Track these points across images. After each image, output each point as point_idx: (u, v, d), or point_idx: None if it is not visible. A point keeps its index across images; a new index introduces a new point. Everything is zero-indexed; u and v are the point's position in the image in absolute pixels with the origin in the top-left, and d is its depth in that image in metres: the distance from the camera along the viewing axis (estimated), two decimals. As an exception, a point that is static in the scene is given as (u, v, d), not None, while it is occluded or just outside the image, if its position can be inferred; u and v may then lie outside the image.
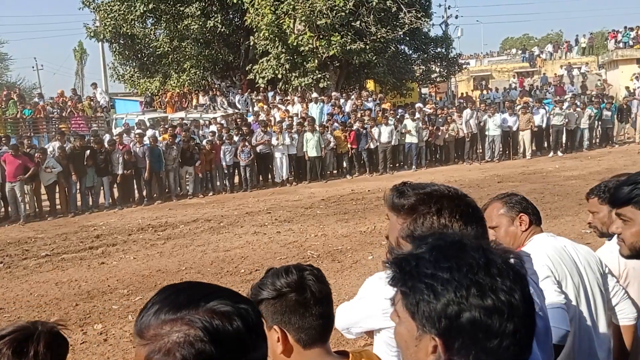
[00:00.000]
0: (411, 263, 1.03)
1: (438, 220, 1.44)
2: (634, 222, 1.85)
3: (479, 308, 0.95)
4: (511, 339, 0.96)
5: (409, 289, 1.01)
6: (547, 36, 68.84)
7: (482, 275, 0.97)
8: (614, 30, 35.15)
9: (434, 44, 26.71)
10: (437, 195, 1.48)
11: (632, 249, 1.89)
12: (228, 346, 0.95)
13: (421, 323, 1.00)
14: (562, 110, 18.22)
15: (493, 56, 51.44)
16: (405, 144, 17.07)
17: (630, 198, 1.84)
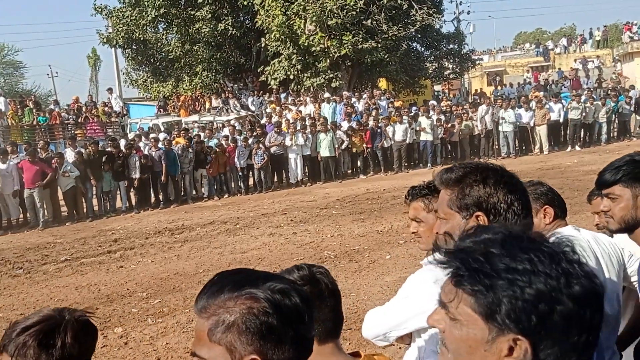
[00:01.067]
0: (480, 259, 0.95)
1: (484, 189, 1.56)
2: (622, 198, 2.02)
3: (572, 299, 0.89)
4: (596, 331, 0.92)
5: (486, 287, 0.93)
6: (560, 30, 68.15)
7: (565, 263, 0.92)
8: (629, 22, 34.69)
9: (446, 40, 26.55)
10: (482, 167, 1.61)
11: (621, 222, 2.04)
12: (288, 318, 1.04)
13: (500, 324, 0.92)
14: (579, 104, 17.99)
15: (506, 51, 51.01)
16: (420, 141, 16.97)
17: (617, 178, 2.02)
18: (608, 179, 2.05)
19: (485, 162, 1.72)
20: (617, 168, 2.04)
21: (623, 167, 2.03)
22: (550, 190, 2.54)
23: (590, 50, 39.85)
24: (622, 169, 2.02)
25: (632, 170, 2.00)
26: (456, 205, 1.61)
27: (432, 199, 2.39)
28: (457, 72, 28.03)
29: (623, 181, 2.01)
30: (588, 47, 41.14)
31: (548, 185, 2.57)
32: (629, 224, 2.04)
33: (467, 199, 1.59)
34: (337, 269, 7.49)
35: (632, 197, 2.01)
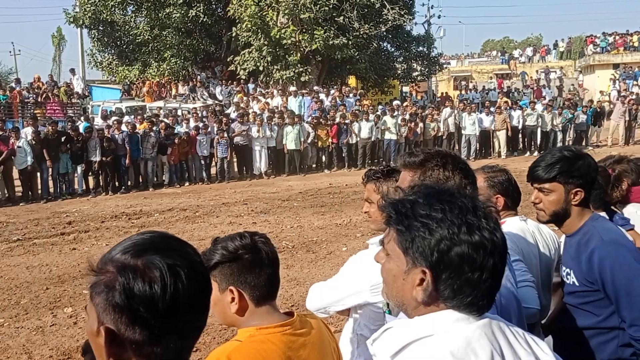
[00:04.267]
0: (406, 205, 1.16)
1: (443, 172, 1.71)
2: (554, 193, 2.17)
3: (468, 243, 1.08)
4: (490, 272, 1.10)
5: (405, 227, 1.13)
6: (527, 39, 69.77)
7: (471, 216, 1.11)
8: (592, 35, 35.80)
9: (416, 42, 26.87)
10: (443, 153, 1.78)
11: (551, 214, 2.20)
12: (138, 301, 0.97)
13: (413, 257, 1.13)
14: (534, 111, 18.56)
15: (474, 57, 51.99)
16: (385, 140, 17.18)
17: (552, 176, 2.15)
18: (542, 175, 2.16)
19: (444, 150, 1.89)
20: (551, 165, 2.15)
21: (557, 165, 2.14)
22: (508, 180, 2.59)
23: (554, 61, 40.94)
24: (556, 167, 2.13)
25: (568, 169, 2.12)
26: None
27: (384, 182, 2.50)
28: (425, 75, 28.40)
29: (558, 179, 2.14)
30: (552, 57, 42.24)
31: (507, 175, 2.60)
32: (558, 215, 2.19)
33: (427, 181, 1.72)
34: (293, 259, 7.56)
35: (565, 192, 2.15)
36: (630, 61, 33.39)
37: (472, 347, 1.10)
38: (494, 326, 1.16)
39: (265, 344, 1.52)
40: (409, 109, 19.16)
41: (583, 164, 2.14)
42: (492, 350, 1.12)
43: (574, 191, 2.14)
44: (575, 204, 2.16)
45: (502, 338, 1.16)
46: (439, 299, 1.14)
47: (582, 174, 2.14)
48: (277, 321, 1.58)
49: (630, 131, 20.06)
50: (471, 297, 1.11)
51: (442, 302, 1.14)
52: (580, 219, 2.19)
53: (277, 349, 1.52)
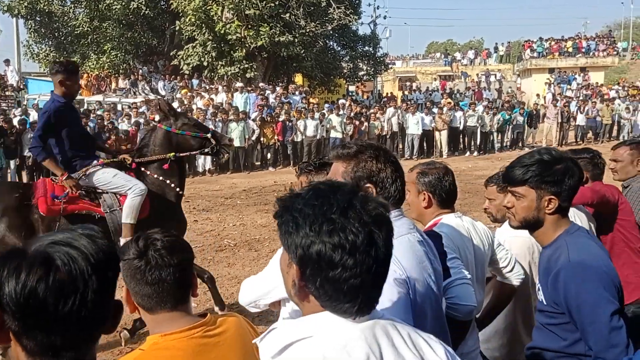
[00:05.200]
0: (289, 200, 1.17)
1: (376, 165, 1.75)
2: (526, 199, 2.06)
3: (326, 243, 1.09)
4: (350, 271, 1.10)
5: (282, 221, 1.16)
6: (469, 42, 71.77)
7: (338, 215, 1.11)
8: (529, 40, 37.19)
9: (362, 42, 27.13)
10: (376, 146, 1.82)
11: (522, 221, 2.11)
12: (6, 296, 0.97)
13: (288, 252, 1.16)
14: (475, 112, 19.16)
15: (418, 59, 53.02)
16: (330, 138, 17.27)
17: (525, 179, 2.05)
18: (516, 177, 2.08)
19: (376, 143, 1.95)
20: (526, 167, 2.06)
21: (532, 167, 2.04)
22: (438, 179, 2.59)
23: (494, 64, 42.32)
24: (531, 169, 2.04)
25: (541, 173, 2.02)
26: (350, 177, 1.76)
27: (315, 175, 2.52)
28: (371, 74, 28.74)
29: (530, 182, 2.04)
30: (493, 60, 43.64)
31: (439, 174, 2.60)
32: (529, 223, 2.10)
33: (360, 172, 1.76)
34: (235, 257, 7.50)
35: (537, 199, 2.04)
36: (565, 66, 34.94)
37: (347, 349, 1.12)
38: (378, 328, 1.18)
39: (169, 350, 1.49)
40: (354, 108, 19.36)
41: (560, 169, 2.02)
42: (368, 353, 1.13)
43: (547, 198, 2.02)
44: (548, 213, 2.04)
45: (385, 340, 1.17)
46: (308, 296, 1.17)
47: (557, 180, 2.01)
48: (183, 326, 1.55)
49: (563, 133, 20.99)
50: (335, 296, 1.13)
51: (316, 300, 1.16)
52: (554, 230, 2.07)
53: (182, 354, 1.50)
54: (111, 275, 1.06)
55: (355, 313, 1.15)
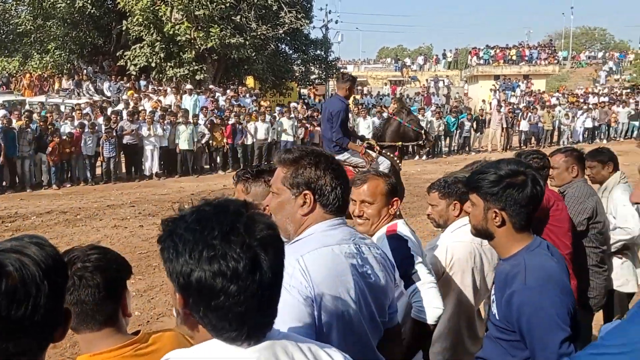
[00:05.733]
0: (172, 223, 1.13)
1: (315, 171, 1.72)
2: (476, 207, 2.05)
3: (206, 270, 1.05)
4: (233, 299, 1.06)
5: (164, 247, 1.12)
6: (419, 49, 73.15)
7: (219, 240, 1.07)
8: (476, 48, 38.27)
9: (314, 46, 27.22)
10: (317, 152, 1.79)
11: (474, 228, 2.10)
12: None
13: (171, 280, 1.11)
14: (423, 117, 19.51)
15: (369, 63, 53.64)
16: (281, 141, 17.21)
17: (474, 187, 2.04)
18: (470, 183, 2.08)
19: (319, 149, 1.88)
20: (477, 175, 2.05)
21: (485, 177, 2.01)
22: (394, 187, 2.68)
23: (443, 70, 43.30)
24: (482, 179, 2.01)
25: (489, 185, 1.99)
26: (289, 183, 1.75)
27: (253, 183, 2.49)
28: (323, 78, 28.85)
29: (479, 192, 2.02)
30: (441, 67, 44.65)
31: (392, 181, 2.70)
32: (479, 232, 2.09)
33: (299, 178, 1.74)
34: (181, 263, 7.32)
35: (484, 210, 2.02)
36: (509, 73, 36.15)
37: None
38: (277, 347, 1.16)
39: None
40: (305, 112, 19.37)
41: (509, 183, 1.96)
42: None
43: (494, 211, 1.99)
44: (497, 226, 2.00)
45: (286, 359, 1.15)
46: (197, 324, 1.13)
47: (502, 194, 1.96)
48: (113, 344, 1.50)
49: (507, 138, 21.65)
50: (220, 325, 1.09)
51: (204, 327, 1.13)
52: (511, 244, 2.02)
53: None
54: (61, 282, 1.07)
55: (244, 340, 1.11)
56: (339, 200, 1.76)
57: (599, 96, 32.64)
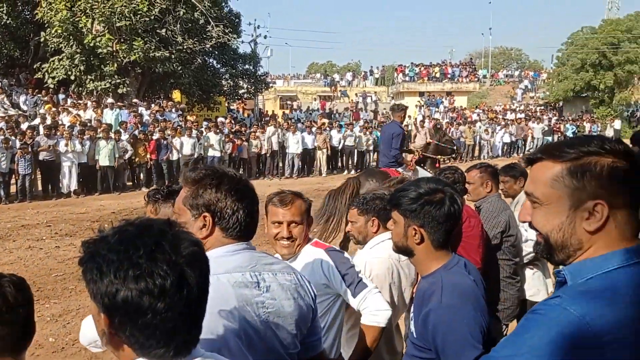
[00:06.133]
0: (94, 244, 1.11)
1: (215, 193, 1.66)
2: (397, 224, 2.07)
3: (133, 289, 1.04)
4: (161, 316, 1.06)
5: (86, 269, 1.10)
6: (347, 65, 74.55)
7: (145, 259, 1.06)
8: (402, 65, 39.45)
9: (243, 60, 27.05)
10: (220, 173, 1.71)
11: (395, 245, 2.11)
12: None
13: (94, 301, 1.10)
14: (352, 132, 19.85)
15: (299, 78, 53.99)
16: (208, 157, 16.94)
17: (395, 204, 2.07)
18: (392, 200, 2.09)
19: (224, 169, 1.77)
20: (402, 193, 2.05)
21: (406, 194, 2.03)
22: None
23: (371, 86, 44.26)
24: (403, 197, 2.03)
25: (409, 202, 2.01)
26: (189, 204, 1.70)
27: (162, 204, 2.42)
28: (252, 93, 28.71)
29: (400, 209, 2.05)
30: (369, 83, 45.62)
31: None
32: (400, 249, 2.10)
33: (198, 200, 1.68)
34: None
35: (405, 226, 2.04)
36: (433, 90, 37.46)
37: None
38: None
39: None
40: (233, 126, 19.18)
41: (427, 201, 2.00)
42: None
43: (413, 228, 2.01)
44: (416, 243, 2.02)
45: None
46: (122, 344, 1.12)
47: (422, 212, 1.99)
48: None
49: (432, 152, 22.35)
50: (147, 343, 1.09)
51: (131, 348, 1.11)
52: (430, 262, 2.04)
53: None
54: None
55: (171, 357, 1.11)
56: (240, 225, 1.70)
57: (516, 113, 34.48)
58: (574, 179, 1.25)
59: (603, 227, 1.25)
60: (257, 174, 18.38)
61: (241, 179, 1.77)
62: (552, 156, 1.30)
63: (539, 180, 1.32)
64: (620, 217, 1.25)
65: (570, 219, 1.27)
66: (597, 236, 1.26)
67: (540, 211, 1.32)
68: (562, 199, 1.28)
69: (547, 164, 1.31)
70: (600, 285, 1.21)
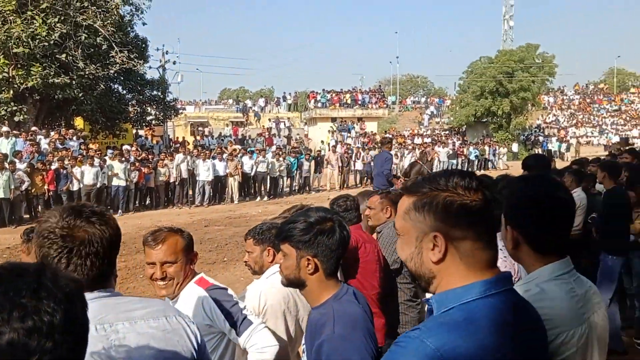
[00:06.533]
0: None
1: (38, 239, 1.52)
2: (288, 257, 2.06)
3: (19, 330, 0.98)
4: (51, 354, 1.00)
5: None
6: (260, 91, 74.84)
7: (28, 298, 1.01)
8: (314, 91, 40.09)
9: (150, 86, 26.38)
10: (44, 228, 1.53)
11: (286, 278, 2.08)
12: None
13: None
14: (265, 158, 19.79)
15: (211, 104, 53.39)
16: (112, 186, 16.21)
17: (285, 237, 2.06)
18: (281, 234, 2.08)
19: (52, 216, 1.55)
20: (291, 225, 2.05)
21: (296, 226, 2.04)
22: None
23: (284, 112, 44.59)
24: (294, 228, 2.04)
25: (300, 233, 2.02)
26: (37, 254, 1.59)
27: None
28: (160, 119, 28.00)
29: (291, 241, 2.04)
30: (282, 109, 45.96)
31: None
32: (292, 282, 2.07)
33: (39, 251, 1.55)
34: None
35: (297, 258, 2.03)
36: (345, 116, 38.30)
37: None
38: None
39: None
40: (139, 154, 18.54)
41: (320, 230, 2.03)
42: None
43: (307, 258, 2.01)
44: (309, 274, 2.03)
45: None
46: None
47: (314, 241, 2.01)
48: None
49: (343, 177, 22.75)
50: None
51: None
52: (320, 292, 2.05)
53: None
54: None
55: None
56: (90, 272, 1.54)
57: (422, 137, 35.99)
58: (418, 212, 1.35)
59: (444, 258, 1.32)
60: (165, 203, 17.81)
61: (66, 225, 1.53)
62: (408, 191, 1.41)
63: (398, 213, 1.42)
64: (463, 249, 1.32)
65: (418, 249, 1.36)
66: (443, 266, 1.33)
67: (400, 241, 1.41)
68: (411, 231, 1.37)
69: (404, 198, 1.41)
70: (459, 316, 1.25)
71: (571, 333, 1.59)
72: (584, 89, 58.31)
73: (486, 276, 1.31)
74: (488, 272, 1.33)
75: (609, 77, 67.94)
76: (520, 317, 1.31)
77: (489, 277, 1.31)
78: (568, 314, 1.61)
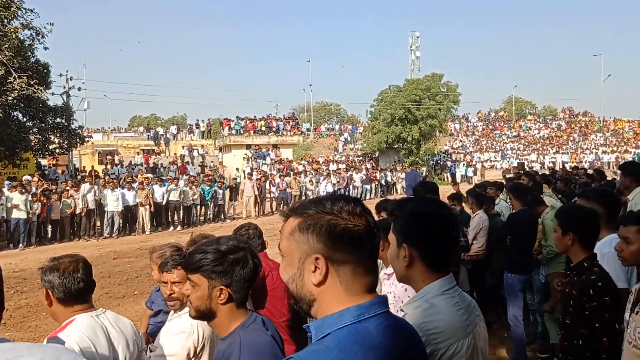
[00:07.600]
0: None
1: None
2: (199, 287, 2.00)
3: None
4: None
5: None
6: (173, 118, 73.31)
7: None
8: (227, 119, 39.80)
9: (54, 113, 25.02)
10: None
11: (196, 311, 2.02)
12: None
13: None
14: (177, 187, 19.28)
15: (120, 132, 51.53)
16: (12, 219, 15.13)
17: (197, 267, 2.00)
18: (191, 264, 2.02)
19: None
20: (202, 255, 2.01)
21: (206, 256, 2.01)
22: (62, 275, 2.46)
23: (197, 139, 43.87)
24: (204, 258, 2.01)
25: (212, 262, 2.00)
26: None
27: None
28: (65, 148, 26.56)
29: (202, 271, 2.00)
30: (196, 136, 45.20)
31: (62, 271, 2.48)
32: (203, 313, 2.02)
33: None
34: None
35: (209, 288, 1.99)
36: (259, 143, 38.26)
37: None
38: None
39: None
40: (42, 184, 17.47)
41: (232, 259, 2.01)
42: None
43: (219, 288, 1.99)
44: (221, 303, 2.00)
45: None
46: None
47: (227, 270, 2.00)
48: None
49: (260, 204, 22.61)
50: None
51: None
52: (230, 322, 2.02)
53: None
54: None
55: None
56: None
57: (337, 163, 36.66)
58: (302, 234, 1.34)
59: (325, 281, 1.32)
60: (71, 236, 16.84)
61: None
62: (294, 212, 1.40)
63: (283, 233, 1.41)
64: (344, 272, 1.33)
65: (300, 271, 1.35)
66: (323, 289, 1.33)
67: (283, 262, 1.40)
68: (294, 252, 1.36)
69: (290, 220, 1.40)
70: (331, 343, 1.25)
71: (460, 344, 1.69)
72: (487, 116, 62.05)
73: (361, 301, 1.32)
74: (365, 297, 1.33)
75: (508, 105, 72.87)
76: (394, 338, 1.31)
77: (362, 302, 1.32)
78: (457, 325, 1.71)
